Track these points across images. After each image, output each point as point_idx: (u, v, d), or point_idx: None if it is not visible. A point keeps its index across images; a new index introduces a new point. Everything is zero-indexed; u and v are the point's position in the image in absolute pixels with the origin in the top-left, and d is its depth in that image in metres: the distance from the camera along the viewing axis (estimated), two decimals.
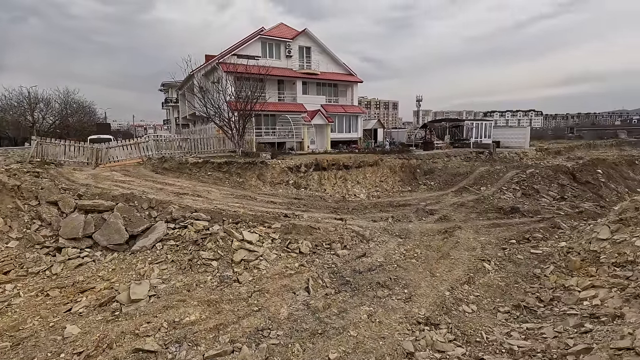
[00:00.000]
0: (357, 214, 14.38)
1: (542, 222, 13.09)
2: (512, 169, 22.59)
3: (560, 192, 19.24)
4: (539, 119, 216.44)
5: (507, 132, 37.51)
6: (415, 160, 24.28)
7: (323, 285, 8.44)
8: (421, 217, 14.09)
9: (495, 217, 14.28)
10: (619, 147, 51.84)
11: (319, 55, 33.36)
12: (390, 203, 16.72)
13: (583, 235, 10.48)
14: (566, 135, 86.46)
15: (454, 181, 22.36)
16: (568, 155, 36.94)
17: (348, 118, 33.78)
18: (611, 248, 8.81)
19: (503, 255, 10.17)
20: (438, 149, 30.29)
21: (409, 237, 11.67)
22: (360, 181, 20.04)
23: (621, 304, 6.34)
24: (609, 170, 30.55)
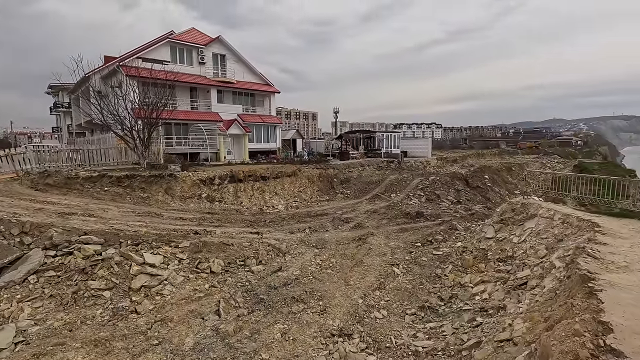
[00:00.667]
0: (275, 226, 14.08)
1: (443, 224, 14.46)
2: (417, 177, 24.75)
3: (457, 196, 21.69)
4: (439, 131, 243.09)
5: (413, 142, 41.30)
6: (332, 170, 25.01)
7: (235, 306, 7.92)
8: (337, 226, 14.40)
9: (404, 222, 15.34)
10: (500, 156, 60.97)
11: (234, 63, 32.51)
12: (308, 213, 16.80)
13: (474, 235, 11.81)
14: (461, 146, 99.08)
15: (367, 189, 23.57)
16: (462, 163, 42.06)
17: (266, 128, 33.46)
18: (495, 245, 10.05)
19: (410, 259, 10.87)
20: (353, 158, 31.79)
21: (325, 246, 11.77)
22: (279, 192, 19.81)
23: (504, 296, 7.17)
24: (494, 176, 35.64)
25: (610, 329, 2.72)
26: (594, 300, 3.24)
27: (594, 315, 2.95)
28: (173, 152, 25.71)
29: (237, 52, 32.52)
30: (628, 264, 4.60)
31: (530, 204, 10.01)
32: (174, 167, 16.75)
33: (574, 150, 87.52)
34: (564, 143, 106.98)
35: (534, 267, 7.50)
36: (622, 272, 4.20)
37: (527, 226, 9.61)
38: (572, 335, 2.68)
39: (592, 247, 5.30)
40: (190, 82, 28.62)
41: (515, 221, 10.24)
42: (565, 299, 3.68)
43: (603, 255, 4.92)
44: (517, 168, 44.97)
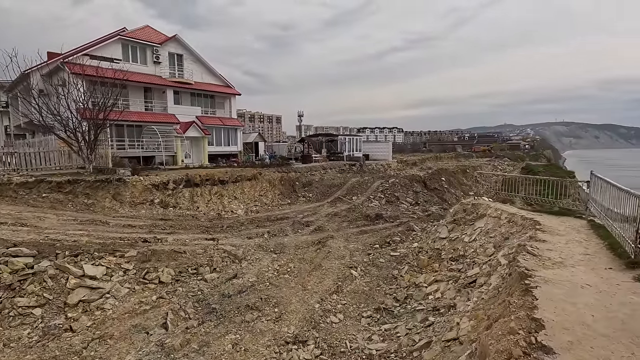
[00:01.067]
0: (232, 231, 13.62)
1: (401, 226, 14.74)
2: (378, 179, 25.19)
3: (415, 198, 22.34)
4: (400, 135, 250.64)
5: (375, 146, 42.15)
6: (294, 174, 24.81)
7: (185, 318, 7.48)
8: (297, 230, 14.21)
9: (363, 224, 15.47)
10: (457, 159, 63.89)
11: (192, 64, 31.39)
12: (269, 217, 16.47)
13: (430, 236, 12.13)
14: (421, 149, 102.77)
15: (329, 192, 23.62)
16: (421, 166, 43.51)
17: (226, 131, 32.60)
18: (449, 245, 10.36)
19: (368, 261, 10.92)
20: (316, 162, 31.82)
21: (284, 251, 11.54)
22: (238, 196, 19.28)
23: (455, 295, 7.35)
24: (450, 178, 37.20)
25: (542, 326, 2.80)
26: (529, 297, 3.34)
27: (528, 312, 3.03)
28: (125, 156, 24.25)
29: (195, 52, 31.45)
30: (562, 259, 4.85)
31: (480, 204, 10.45)
32: (123, 171, 15.73)
33: (522, 154, 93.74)
34: (513, 147, 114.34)
35: (483, 265, 7.77)
36: (557, 267, 4.41)
37: (477, 225, 10.00)
38: (507, 334, 2.73)
39: (532, 245, 5.55)
40: (144, 82, 27.20)
41: (467, 221, 10.62)
42: (504, 297, 3.78)
43: (541, 252, 5.16)
44: (472, 170, 47.38)
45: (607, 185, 6.32)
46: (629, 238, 4.58)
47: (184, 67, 30.76)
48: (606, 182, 6.43)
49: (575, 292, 3.62)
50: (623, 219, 5.37)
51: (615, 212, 6.01)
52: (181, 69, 30.57)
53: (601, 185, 7.05)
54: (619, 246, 5.23)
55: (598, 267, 4.45)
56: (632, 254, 4.41)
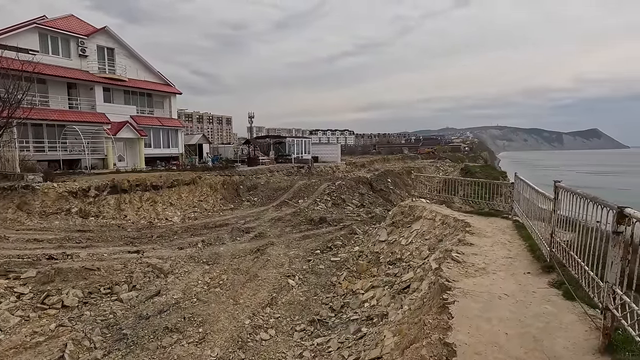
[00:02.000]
0: (163, 242, 12.46)
1: (344, 229, 14.56)
2: (325, 182, 25.03)
3: (361, 200, 22.49)
4: (352, 138, 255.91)
5: (324, 148, 42.22)
6: (238, 177, 23.78)
7: (90, 348, 6.46)
8: (236, 237, 13.41)
9: (307, 228, 15.07)
10: (403, 160, 66.36)
11: (126, 59, 28.93)
12: (207, 225, 15.43)
13: (370, 239, 12.03)
14: (370, 151, 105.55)
15: (275, 196, 22.96)
16: (369, 168, 44.42)
17: (166, 132, 30.49)
18: (387, 248, 10.28)
19: (307, 268, 10.50)
20: (263, 164, 30.95)
21: (218, 262, 10.72)
22: (175, 202, 17.91)
23: (389, 301, 7.15)
24: (396, 179, 38.36)
25: (453, 352, 2.53)
26: (445, 315, 3.11)
27: (441, 335, 2.77)
28: (44, 159, 21.55)
29: (129, 47, 29.03)
30: (486, 265, 4.78)
31: (417, 206, 10.54)
32: (32, 177, 13.75)
33: (462, 155, 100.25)
34: (454, 149, 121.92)
35: (417, 269, 7.68)
36: (479, 275, 4.31)
37: (414, 228, 10.02)
38: None
39: (458, 251, 5.46)
40: (66, 77, 24.42)
41: (405, 223, 10.64)
42: (422, 315, 3.53)
43: (466, 258, 5.07)
44: (416, 171, 49.53)
45: (526, 186, 6.50)
46: (545, 240, 4.62)
47: (116, 63, 28.25)
48: (525, 184, 6.61)
49: (492, 304, 3.46)
50: (540, 220, 5.47)
51: (532, 213, 6.17)
52: (112, 64, 28.03)
53: (522, 186, 7.28)
54: (538, 248, 5.31)
55: (517, 272, 4.41)
56: (547, 257, 4.42)
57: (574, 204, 3.72)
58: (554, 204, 4.04)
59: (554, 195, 4.04)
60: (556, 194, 4.02)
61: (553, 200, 4.08)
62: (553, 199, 4.08)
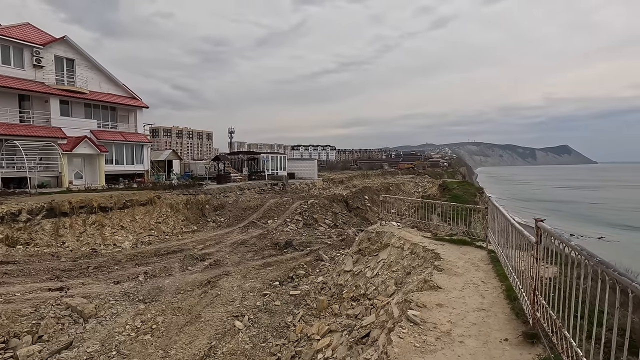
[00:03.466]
0: (99, 274, 10.85)
1: (310, 254, 13.31)
2: (298, 200, 23.80)
3: (334, 219, 21.34)
4: (333, 153, 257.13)
5: (300, 164, 41.11)
6: (204, 196, 22.24)
7: None
8: (187, 267, 11.93)
9: (270, 254, 13.73)
10: (383, 176, 66.06)
11: (87, 71, 27.28)
12: (158, 251, 13.86)
13: (336, 268, 10.84)
14: (351, 167, 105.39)
15: (243, 216, 21.55)
16: (347, 184, 43.54)
17: (130, 147, 28.68)
18: (352, 280, 9.10)
19: (261, 305, 9.15)
20: (234, 181, 29.48)
21: (158, 298, 9.24)
22: (127, 225, 16.22)
23: (345, 354, 5.94)
24: (373, 196, 37.52)
25: None
26: None
27: None
28: None
29: (91, 58, 27.43)
30: (452, 325, 3.69)
31: (384, 232, 9.47)
32: None
33: (441, 170, 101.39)
34: (433, 164, 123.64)
35: (380, 311, 6.54)
36: (440, 346, 3.20)
37: (381, 257, 8.91)
38: None
39: (419, 302, 4.35)
40: (16, 88, 22.58)
41: (371, 251, 9.52)
42: None
43: (427, 314, 3.97)
44: (395, 188, 48.96)
45: (501, 217, 5.53)
46: (526, 294, 3.58)
47: (76, 74, 26.55)
48: (500, 214, 5.64)
49: None
50: (516, 249, 4.47)
51: (507, 245, 5.18)
52: (72, 75, 26.31)
53: (496, 214, 6.32)
54: (515, 295, 4.27)
55: (492, 339, 3.33)
56: (529, 316, 3.37)
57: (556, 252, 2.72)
58: (536, 250, 3.03)
59: (536, 238, 3.03)
60: (539, 237, 3.00)
61: (535, 245, 3.07)
62: (535, 243, 3.07)
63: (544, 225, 2.94)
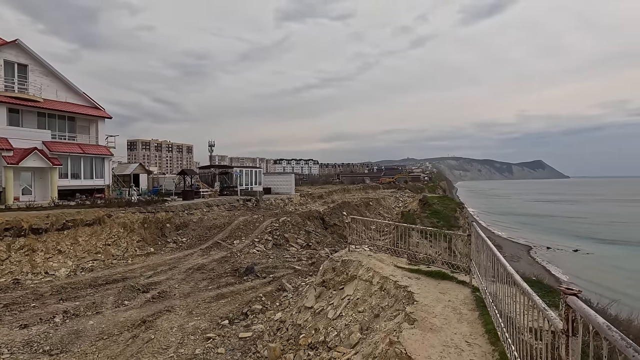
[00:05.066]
0: (6, 314, 8.88)
1: (272, 283, 11.69)
2: (269, 217, 22.15)
3: (307, 239, 19.76)
4: (316, 167, 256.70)
5: (277, 179, 39.50)
6: (164, 214, 20.29)
7: None
8: (123, 301, 10.07)
9: (227, 282, 12.00)
10: (365, 190, 65.08)
11: (42, 77, 25.18)
12: (96, 280, 11.91)
13: (297, 301, 9.27)
14: (333, 181, 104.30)
15: (208, 235, 19.72)
16: (326, 199, 42.10)
17: (89, 160, 26.42)
18: (312, 321, 7.56)
19: (200, 354, 7.45)
20: (203, 197, 27.55)
21: (70, 348, 7.40)
22: (66, 249, 14.16)
23: None
24: (352, 212, 36.09)
25: None
26: None
27: None
28: None
29: (46, 64, 25.37)
30: None
31: (351, 262, 8.03)
32: None
33: (422, 185, 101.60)
34: (414, 179, 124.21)
35: None
36: None
37: (346, 292, 7.44)
38: None
39: None
40: None
41: (336, 284, 8.03)
42: None
43: None
44: (375, 203, 47.86)
45: (487, 249, 4.22)
46: None
47: (29, 81, 24.44)
48: (486, 246, 4.32)
49: None
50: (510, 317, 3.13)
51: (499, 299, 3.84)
52: (24, 82, 24.19)
53: (482, 246, 5.01)
54: None
55: None
56: None
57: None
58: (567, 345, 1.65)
59: (567, 324, 1.65)
60: (571, 323, 1.63)
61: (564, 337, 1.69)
62: (563, 333, 1.69)
63: (581, 305, 1.58)
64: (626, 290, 28.93)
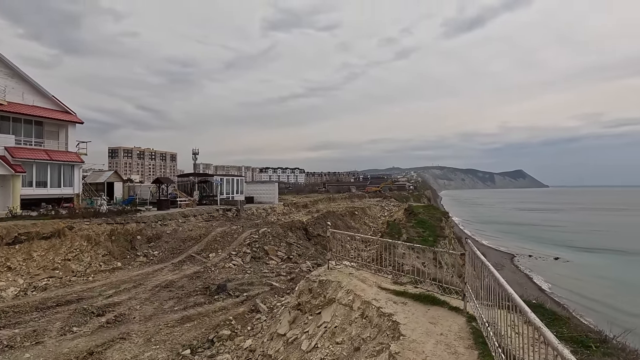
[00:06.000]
0: None
1: (246, 302, 10.62)
2: (249, 228, 21.03)
3: (288, 251, 18.71)
4: (302, 176, 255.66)
5: (260, 188, 38.34)
6: (135, 225, 18.94)
7: None
8: (71, 327, 8.83)
9: (196, 302, 10.86)
10: (350, 199, 64.34)
11: (8, 79, 23.56)
12: (46, 301, 10.60)
13: (271, 326, 8.26)
14: (319, 190, 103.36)
15: (182, 248, 18.45)
16: (310, 209, 41.12)
17: (57, 168, 24.80)
18: (284, 352, 6.57)
19: None
20: (180, 207, 26.19)
21: None
22: (17, 265, 12.75)
23: None
24: (337, 221, 35.19)
25: None
26: None
27: None
28: None
29: (12, 65, 23.83)
30: None
31: (330, 282, 7.12)
32: None
33: (407, 194, 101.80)
34: (400, 188, 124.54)
35: None
36: None
37: (323, 319, 6.50)
38: None
39: None
40: None
41: (313, 308, 7.09)
42: None
43: None
44: (360, 212, 47.10)
45: (486, 271, 3.41)
46: None
47: None
48: (485, 268, 3.51)
49: None
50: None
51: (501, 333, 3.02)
52: None
53: (480, 267, 4.20)
54: None
55: None
56: None
57: None
58: None
59: None
60: None
61: None
62: None
63: None
64: (606, 300, 29.01)
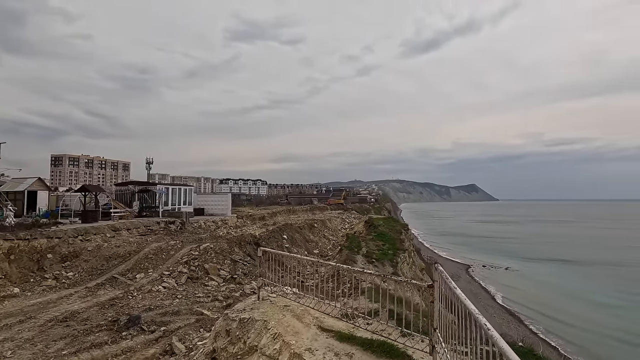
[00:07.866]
0: None
1: (160, 341, 8.39)
2: (189, 244, 18.51)
3: (232, 269, 16.47)
4: (265, 187, 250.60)
5: (211, 198, 35.51)
6: (46, 241, 15.82)
7: None
8: None
9: (94, 343, 8.42)
10: (312, 211, 62.57)
11: None
12: None
13: None
14: (281, 202, 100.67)
15: (105, 268, 15.61)
16: (267, 222, 38.83)
17: None
18: None
19: None
20: (113, 219, 22.98)
21: None
22: None
23: None
24: (294, 235, 33.16)
25: None
26: None
27: None
28: None
29: None
30: None
31: (254, 321, 5.28)
32: None
33: (368, 206, 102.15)
34: (361, 200, 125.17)
35: None
36: None
37: None
38: None
39: None
40: None
41: (229, 357, 5.16)
42: None
43: None
44: (320, 224, 45.45)
45: (463, 309, 1.84)
46: None
47: None
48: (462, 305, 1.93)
49: None
50: None
51: None
52: None
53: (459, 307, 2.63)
54: None
55: None
56: None
57: None
58: None
59: None
60: None
61: None
62: None
63: None
64: (546, 311, 29.75)
